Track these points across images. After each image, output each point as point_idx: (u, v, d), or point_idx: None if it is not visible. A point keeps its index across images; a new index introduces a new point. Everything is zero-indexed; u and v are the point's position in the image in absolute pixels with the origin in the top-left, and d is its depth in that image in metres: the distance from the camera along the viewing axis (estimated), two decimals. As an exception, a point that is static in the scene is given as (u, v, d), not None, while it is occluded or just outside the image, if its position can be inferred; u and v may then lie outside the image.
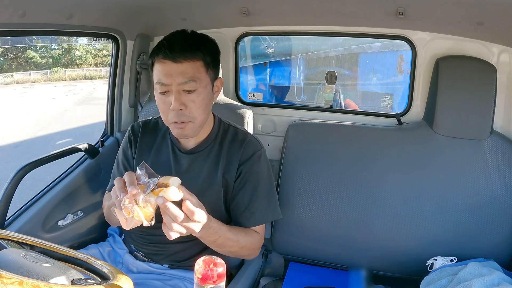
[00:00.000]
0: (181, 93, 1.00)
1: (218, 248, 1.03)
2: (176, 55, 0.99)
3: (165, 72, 1.00)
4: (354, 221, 1.46)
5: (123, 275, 0.75)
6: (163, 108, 1.03)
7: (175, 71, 0.99)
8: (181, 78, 0.99)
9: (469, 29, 1.39)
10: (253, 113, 1.54)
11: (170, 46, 1.00)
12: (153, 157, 1.17)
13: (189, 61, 1.00)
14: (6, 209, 1.21)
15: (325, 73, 1.99)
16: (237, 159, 1.12)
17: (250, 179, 1.12)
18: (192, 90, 1.01)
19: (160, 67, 1.01)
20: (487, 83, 1.36)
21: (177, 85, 0.99)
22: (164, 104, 1.02)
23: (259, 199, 1.12)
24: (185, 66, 1.00)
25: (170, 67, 0.99)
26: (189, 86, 1.00)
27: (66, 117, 10.55)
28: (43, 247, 0.81)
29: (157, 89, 1.02)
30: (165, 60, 1.00)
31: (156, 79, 1.02)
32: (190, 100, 1.01)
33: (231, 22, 1.67)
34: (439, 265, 1.32)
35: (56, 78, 21.08)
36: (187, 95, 1.01)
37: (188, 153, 1.14)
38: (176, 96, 0.99)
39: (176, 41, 1.02)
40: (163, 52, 1.00)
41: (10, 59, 21.19)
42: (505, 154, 1.38)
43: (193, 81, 1.00)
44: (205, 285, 0.70)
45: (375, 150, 1.49)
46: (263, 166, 1.14)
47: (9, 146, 7.47)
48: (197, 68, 1.02)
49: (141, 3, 1.36)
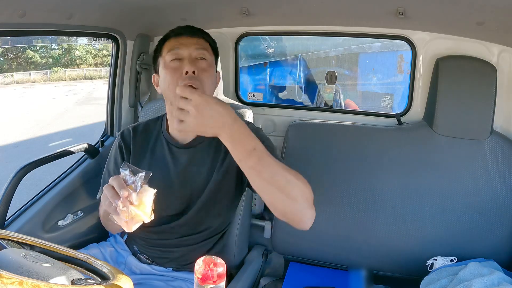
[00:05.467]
0: (194, 60, 1.06)
1: (264, 183, 0.84)
2: (192, 30, 1.11)
3: (181, 42, 1.08)
4: (354, 221, 1.46)
5: (123, 275, 0.75)
6: (174, 76, 1.04)
7: (190, 41, 1.08)
8: (196, 46, 1.08)
9: (469, 29, 1.39)
10: (253, 113, 1.54)
11: (187, 26, 1.12)
12: (149, 158, 1.15)
13: (202, 39, 1.12)
14: (6, 209, 1.21)
15: (325, 73, 1.99)
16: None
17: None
18: (204, 58, 1.08)
19: (174, 41, 1.09)
20: (487, 83, 1.36)
21: (190, 52, 1.07)
22: (174, 71, 1.05)
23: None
24: (198, 40, 1.10)
25: (185, 38, 1.09)
26: (202, 54, 1.08)
27: (66, 117, 10.55)
28: (43, 247, 0.81)
29: (168, 59, 1.07)
30: (182, 35, 1.09)
31: (168, 49, 1.08)
32: (201, 68, 1.06)
33: (231, 22, 1.67)
34: (439, 265, 1.32)
35: (56, 78, 21.08)
36: (199, 62, 1.07)
37: (186, 148, 1.12)
38: (189, 60, 1.05)
39: (188, 26, 1.13)
40: (180, 29, 1.11)
41: (10, 59, 21.19)
42: (505, 154, 1.37)
43: (206, 50, 1.09)
44: (205, 285, 0.70)
45: (375, 150, 1.49)
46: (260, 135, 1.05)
47: (9, 146, 7.47)
48: (207, 46, 1.12)
49: (141, 3, 1.36)
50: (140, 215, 0.79)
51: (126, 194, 0.78)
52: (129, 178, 0.81)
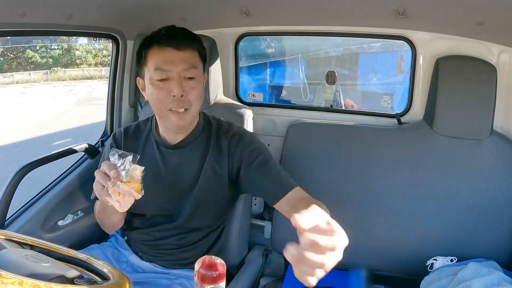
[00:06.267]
0: (182, 80, 1.01)
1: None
2: (179, 42, 1.01)
3: (167, 58, 1.01)
4: (354, 221, 1.46)
5: (123, 275, 0.75)
6: (161, 96, 1.02)
7: (177, 58, 1.01)
8: (184, 65, 1.01)
9: (469, 29, 1.39)
10: (253, 113, 1.54)
11: (171, 35, 1.02)
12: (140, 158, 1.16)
13: (190, 49, 1.03)
14: (6, 209, 1.21)
15: (325, 73, 1.99)
16: (226, 148, 1.11)
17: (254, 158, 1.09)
18: (193, 77, 1.03)
19: (160, 54, 1.01)
20: (487, 83, 1.36)
21: (179, 71, 1.01)
22: (161, 91, 1.01)
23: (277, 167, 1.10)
24: (186, 53, 1.02)
25: (172, 54, 1.01)
26: (191, 73, 1.02)
27: (66, 117, 10.55)
28: (43, 247, 0.81)
29: (155, 77, 1.01)
30: (167, 47, 1.01)
31: (154, 65, 1.01)
32: (191, 87, 1.02)
33: (231, 22, 1.67)
34: (439, 265, 1.32)
35: (56, 78, 21.09)
36: (187, 82, 1.02)
37: (176, 148, 1.12)
38: (178, 82, 1.00)
39: (175, 30, 1.04)
40: (164, 39, 1.01)
41: (10, 59, 21.19)
42: (505, 154, 1.37)
43: (194, 68, 1.03)
44: (205, 285, 0.70)
45: (375, 150, 1.49)
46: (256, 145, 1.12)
47: (9, 146, 7.47)
48: (196, 57, 1.05)
49: (141, 3, 1.36)
50: (130, 190, 0.83)
51: (116, 174, 0.82)
52: (118, 161, 0.85)
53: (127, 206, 0.87)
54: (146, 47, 1.04)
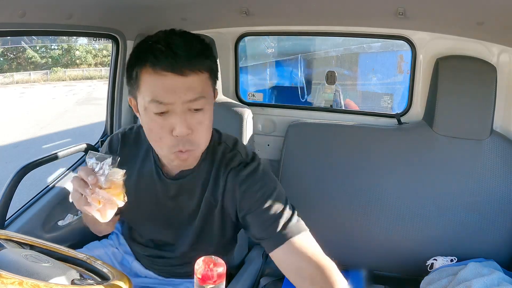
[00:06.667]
0: (186, 114, 0.79)
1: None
2: (182, 65, 0.77)
3: (167, 87, 0.77)
4: (354, 221, 1.46)
5: (123, 275, 0.75)
6: (160, 134, 0.81)
7: (181, 86, 0.77)
8: (190, 95, 0.78)
9: (469, 29, 1.39)
10: (253, 113, 1.54)
11: (173, 53, 0.77)
12: (136, 177, 0.97)
13: (197, 72, 0.79)
14: (6, 209, 1.21)
15: (325, 73, 1.99)
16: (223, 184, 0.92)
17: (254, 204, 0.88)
18: (200, 108, 0.81)
19: (157, 81, 0.78)
20: (487, 83, 1.36)
21: (183, 103, 0.78)
22: (161, 128, 0.80)
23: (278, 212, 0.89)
24: (192, 79, 0.78)
25: (174, 80, 0.77)
26: (198, 104, 0.80)
27: (66, 117, 10.55)
28: (43, 247, 0.81)
29: (151, 109, 0.79)
30: (166, 72, 0.77)
31: (150, 95, 0.78)
32: (198, 122, 0.81)
33: (231, 22, 1.67)
34: (439, 265, 1.32)
35: (56, 78, 21.09)
36: (193, 116, 0.80)
37: (175, 179, 0.95)
38: (182, 117, 0.78)
39: (178, 46, 0.78)
40: (163, 60, 0.77)
41: (10, 59, 21.20)
42: (505, 154, 1.38)
43: (203, 98, 0.80)
44: (205, 285, 0.70)
45: (375, 150, 1.49)
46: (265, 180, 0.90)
47: (9, 146, 7.47)
48: (205, 81, 0.82)
49: (141, 3, 1.36)
50: (111, 197, 0.73)
51: (95, 181, 0.72)
52: (96, 166, 0.75)
53: (109, 215, 0.75)
54: (138, 64, 0.80)
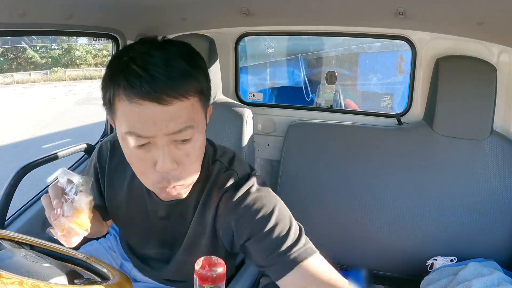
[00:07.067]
0: (170, 146, 0.66)
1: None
2: (162, 92, 0.61)
3: (144, 119, 0.63)
4: (354, 221, 1.46)
5: (123, 275, 0.75)
6: (142, 168, 0.70)
7: (161, 117, 0.63)
8: (173, 127, 0.64)
9: (469, 29, 1.39)
10: (253, 113, 1.54)
11: (150, 77, 0.61)
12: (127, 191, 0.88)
13: (181, 99, 0.63)
14: (6, 209, 1.21)
15: (325, 73, 1.99)
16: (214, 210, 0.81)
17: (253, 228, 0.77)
18: (188, 139, 0.67)
19: (132, 111, 0.63)
20: (487, 83, 1.36)
21: (164, 135, 0.64)
22: (143, 162, 0.68)
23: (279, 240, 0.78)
24: (175, 108, 0.63)
25: (152, 110, 0.62)
26: (185, 135, 0.66)
27: (66, 117, 10.55)
28: (43, 247, 0.81)
29: (129, 142, 0.66)
30: (142, 100, 0.61)
31: (127, 127, 0.64)
32: (184, 154, 0.68)
33: (231, 22, 1.67)
34: (439, 265, 1.32)
35: (56, 78, 21.09)
36: (179, 147, 0.67)
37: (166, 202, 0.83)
38: (165, 151, 0.65)
39: (157, 66, 0.62)
40: (138, 86, 0.61)
41: (10, 59, 21.20)
42: (505, 154, 1.37)
43: (190, 128, 0.66)
44: (205, 285, 0.70)
45: (375, 150, 1.49)
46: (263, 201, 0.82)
47: (9, 146, 7.47)
48: (193, 107, 0.66)
49: (141, 3, 1.36)
50: (71, 227, 0.67)
51: (59, 205, 0.66)
52: (67, 186, 0.69)
53: (75, 242, 0.68)
54: (110, 88, 0.65)
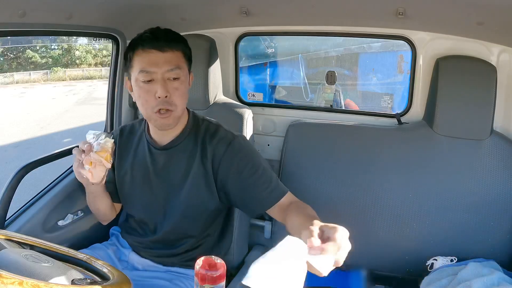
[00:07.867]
0: (166, 81, 1.04)
1: None
2: (162, 45, 1.04)
3: (151, 60, 1.03)
4: (354, 221, 1.46)
5: (123, 275, 0.75)
6: (146, 97, 1.04)
7: (161, 59, 1.03)
8: (167, 66, 1.03)
9: (469, 29, 1.39)
10: (253, 113, 1.54)
11: (155, 37, 1.05)
12: (132, 158, 1.18)
13: (173, 50, 1.05)
14: (6, 209, 1.20)
15: (325, 73, 1.99)
16: (211, 155, 1.11)
17: (243, 168, 1.08)
18: (177, 77, 1.05)
19: (144, 57, 1.04)
20: (487, 83, 1.36)
21: (163, 73, 1.03)
22: (147, 93, 1.04)
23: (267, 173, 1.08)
24: (170, 55, 1.04)
25: (156, 56, 1.03)
26: (175, 74, 1.04)
27: (66, 117, 10.56)
28: (43, 247, 0.81)
29: (140, 78, 1.04)
30: (151, 49, 1.03)
31: (139, 68, 1.04)
32: (174, 87, 1.04)
33: (231, 22, 1.67)
34: (439, 265, 1.32)
35: (56, 78, 21.10)
36: (171, 83, 1.04)
37: (164, 149, 1.14)
38: (162, 83, 1.03)
39: (159, 33, 1.06)
40: (148, 42, 1.04)
41: (10, 59, 21.20)
42: (505, 154, 1.38)
43: (178, 69, 1.05)
44: (205, 285, 0.70)
45: (375, 150, 1.49)
46: (244, 152, 1.11)
47: (9, 146, 7.47)
48: (180, 58, 1.07)
49: (141, 3, 1.36)
50: (100, 159, 0.98)
51: (88, 146, 0.99)
52: (93, 139, 1.00)
53: (99, 176, 1.03)
54: (131, 49, 1.07)
